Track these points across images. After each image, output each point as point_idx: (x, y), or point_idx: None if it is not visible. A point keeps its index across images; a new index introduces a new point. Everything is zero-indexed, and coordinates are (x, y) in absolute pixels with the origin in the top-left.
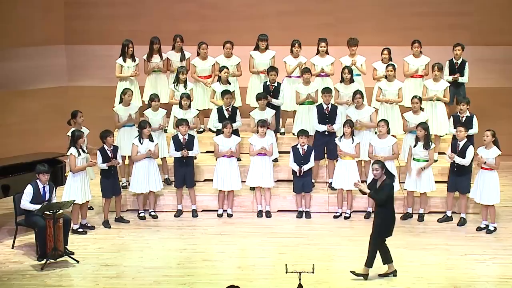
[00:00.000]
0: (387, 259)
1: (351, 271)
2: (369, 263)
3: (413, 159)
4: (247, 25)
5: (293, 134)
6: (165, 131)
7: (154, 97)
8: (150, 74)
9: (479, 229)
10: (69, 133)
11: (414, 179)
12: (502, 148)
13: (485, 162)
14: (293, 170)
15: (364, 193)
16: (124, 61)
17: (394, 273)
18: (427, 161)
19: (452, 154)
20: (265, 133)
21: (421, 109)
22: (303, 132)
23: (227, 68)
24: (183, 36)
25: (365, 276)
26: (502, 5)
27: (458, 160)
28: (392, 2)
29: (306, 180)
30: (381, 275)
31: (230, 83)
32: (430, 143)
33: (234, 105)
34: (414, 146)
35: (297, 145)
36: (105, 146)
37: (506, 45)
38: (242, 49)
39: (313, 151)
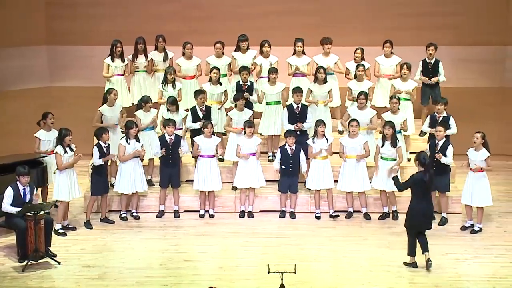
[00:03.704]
0: (412, 252)
1: (404, 263)
2: (410, 252)
3: (381, 157)
4: (233, 26)
5: (260, 134)
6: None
7: (147, 99)
8: (135, 74)
9: (463, 228)
10: (37, 134)
11: (382, 178)
12: None
13: (481, 168)
14: (280, 168)
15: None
16: (113, 60)
17: (414, 265)
18: (395, 159)
19: (439, 154)
20: (252, 133)
21: (398, 109)
22: (290, 133)
23: (218, 68)
24: (169, 36)
25: (414, 264)
26: (485, 5)
27: (444, 160)
28: (376, 3)
29: (293, 180)
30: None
31: (221, 84)
32: (397, 141)
33: (225, 105)
34: (382, 145)
35: (284, 145)
36: (100, 142)
37: (488, 45)
38: (230, 49)
39: (302, 150)
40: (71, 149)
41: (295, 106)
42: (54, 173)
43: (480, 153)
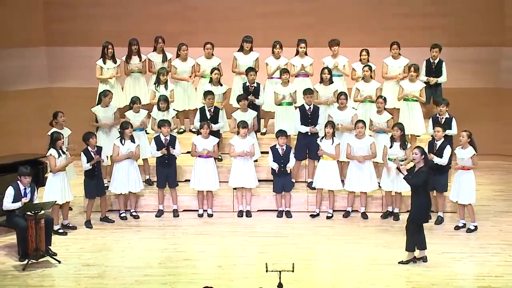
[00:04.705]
0: (410, 247)
1: (399, 262)
2: (409, 248)
3: (388, 159)
4: (229, 27)
5: (261, 133)
6: (146, 132)
7: (135, 100)
8: (129, 75)
9: (457, 228)
10: (50, 133)
11: (391, 179)
12: (481, 148)
13: (463, 166)
14: (272, 169)
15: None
16: (104, 62)
17: (414, 260)
18: (403, 160)
19: (431, 155)
20: (246, 134)
21: (385, 109)
22: (281, 133)
23: (218, 69)
24: (169, 37)
25: (413, 260)
26: (479, 6)
27: (437, 160)
28: (372, 4)
29: (286, 180)
30: (401, 262)
31: (221, 84)
32: (406, 143)
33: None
34: (390, 147)
35: (275, 145)
36: (88, 147)
37: (483, 46)
38: (225, 50)
39: (293, 150)
40: (63, 152)
41: (307, 107)
42: (47, 176)
43: (467, 151)
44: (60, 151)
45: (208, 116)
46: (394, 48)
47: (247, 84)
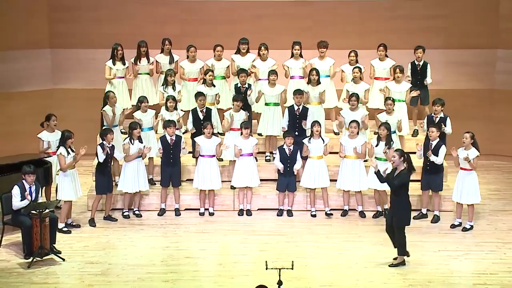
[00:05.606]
0: (405, 251)
1: (389, 265)
2: (401, 251)
3: (375, 157)
4: (227, 29)
5: (258, 134)
6: (156, 131)
7: (143, 99)
8: (137, 77)
9: (453, 226)
10: (39, 135)
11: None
12: None
13: (470, 160)
14: (278, 169)
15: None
16: (114, 64)
17: (403, 263)
18: (386, 160)
19: (429, 152)
20: (249, 134)
21: (393, 110)
22: (289, 133)
23: (212, 71)
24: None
25: (403, 263)
26: (475, 9)
27: (433, 158)
28: (368, 6)
29: (291, 180)
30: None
31: (215, 86)
32: (392, 142)
33: (221, 107)
34: (376, 145)
35: (283, 145)
36: (104, 142)
37: (477, 48)
38: (226, 52)
39: (299, 151)
40: (72, 151)
41: (296, 107)
42: (57, 174)
43: (470, 152)
44: (69, 149)
45: (201, 117)
46: (380, 49)
47: (239, 85)
